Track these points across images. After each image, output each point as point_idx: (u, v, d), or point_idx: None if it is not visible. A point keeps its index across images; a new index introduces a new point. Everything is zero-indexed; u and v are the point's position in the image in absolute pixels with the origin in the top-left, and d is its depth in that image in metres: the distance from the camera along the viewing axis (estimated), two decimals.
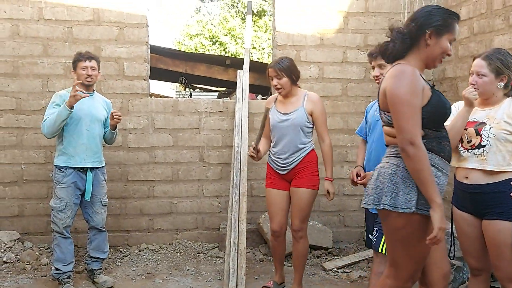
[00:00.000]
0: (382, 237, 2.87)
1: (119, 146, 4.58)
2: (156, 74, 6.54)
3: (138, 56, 4.60)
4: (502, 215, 2.45)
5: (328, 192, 3.40)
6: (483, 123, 2.54)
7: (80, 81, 3.55)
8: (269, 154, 3.52)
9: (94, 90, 3.78)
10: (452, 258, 2.94)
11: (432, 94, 2.10)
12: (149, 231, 4.70)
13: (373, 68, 2.97)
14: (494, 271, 2.58)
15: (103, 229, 3.79)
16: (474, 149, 2.55)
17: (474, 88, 2.56)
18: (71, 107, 3.44)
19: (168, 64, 6.09)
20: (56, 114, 3.46)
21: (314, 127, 3.45)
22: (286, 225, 3.57)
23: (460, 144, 2.62)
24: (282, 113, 3.38)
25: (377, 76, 2.94)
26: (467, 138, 2.58)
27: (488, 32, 3.93)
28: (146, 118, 4.63)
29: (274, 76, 3.32)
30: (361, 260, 4.35)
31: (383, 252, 2.85)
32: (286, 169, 3.40)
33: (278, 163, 3.43)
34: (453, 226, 2.85)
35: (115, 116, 3.65)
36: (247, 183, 4.27)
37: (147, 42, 4.64)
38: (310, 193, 3.39)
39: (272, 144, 3.49)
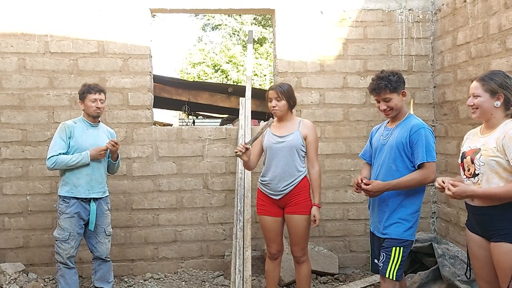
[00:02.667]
0: (389, 262, 2.85)
1: (123, 175, 4.61)
2: (160, 102, 6.64)
3: (142, 86, 4.68)
4: (506, 237, 2.44)
5: (314, 218, 3.35)
6: (479, 150, 2.55)
7: (108, 147, 3.64)
8: (260, 179, 3.52)
9: (99, 121, 3.84)
10: (468, 278, 2.91)
11: None
12: (154, 260, 4.69)
13: (378, 102, 2.98)
14: None
15: (108, 259, 3.78)
16: (471, 177, 2.57)
17: (473, 110, 2.60)
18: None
19: (171, 93, 6.19)
20: (74, 161, 3.55)
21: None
22: (283, 247, 3.58)
23: (463, 173, 2.65)
24: (277, 136, 3.43)
25: (384, 110, 2.96)
26: (467, 166, 2.61)
27: (485, 56, 4.00)
28: (150, 146, 4.68)
29: (274, 98, 3.40)
30: (368, 286, 4.29)
31: (391, 277, 2.84)
32: (280, 194, 3.39)
33: (272, 188, 3.41)
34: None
35: (108, 145, 3.64)
36: (251, 210, 4.28)
37: (150, 72, 4.73)
38: (306, 218, 3.39)
39: (265, 168, 3.49)
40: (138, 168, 4.66)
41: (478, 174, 2.52)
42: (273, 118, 3.56)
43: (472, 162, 2.55)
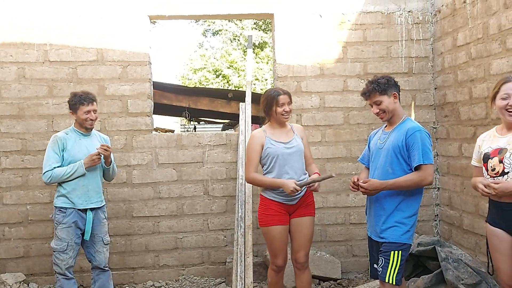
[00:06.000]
0: (388, 267, 2.83)
1: (123, 183, 4.60)
2: (160, 109, 6.63)
3: (141, 93, 4.67)
4: None
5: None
6: (505, 149, 2.60)
7: (99, 152, 3.56)
8: (271, 189, 3.38)
9: (92, 129, 3.75)
10: (491, 274, 2.88)
11: None
12: (155, 267, 4.66)
13: (371, 105, 3.02)
14: None
15: (106, 268, 3.72)
16: (498, 176, 2.60)
17: None
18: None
19: (171, 99, 6.17)
20: (69, 173, 3.51)
21: None
22: (287, 257, 3.52)
23: (486, 172, 2.68)
24: (283, 142, 3.39)
25: (377, 113, 2.98)
26: (491, 166, 2.64)
27: (486, 56, 3.96)
28: (150, 153, 4.66)
29: (287, 103, 3.38)
30: None
31: (390, 281, 2.80)
32: (297, 198, 3.34)
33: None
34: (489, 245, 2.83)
35: (100, 150, 3.56)
36: (252, 215, 4.25)
37: (150, 79, 4.72)
38: (314, 220, 3.45)
39: (276, 176, 3.35)
40: (138, 175, 4.64)
41: (508, 172, 2.56)
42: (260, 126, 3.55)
43: (501, 162, 2.59)
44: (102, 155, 3.62)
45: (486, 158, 2.69)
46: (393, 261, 2.82)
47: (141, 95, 4.67)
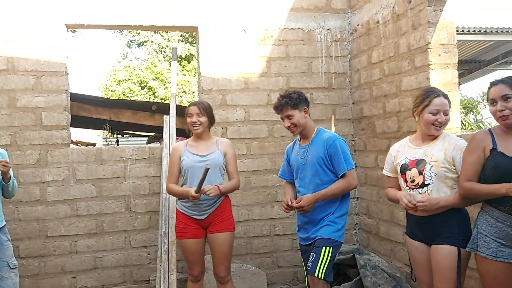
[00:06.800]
0: (318, 261, 2.89)
1: (37, 201, 4.31)
2: (80, 122, 6.32)
3: (57, 105, 4.42)
4: (448, 240, 2.56)
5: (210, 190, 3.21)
6: (423, 161, 2.64)
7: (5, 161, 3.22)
8: (181, 201, 3.41)
9: None
10: (414, 281, 2.99)
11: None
12: None
13: (282, 119, 3.11)
14: None
15: None
16: (418, 188, 2.64)
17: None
18: None
19: (91, 112, 5.91)
20: None
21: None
22: (205, 268, 3.53)
23: (405, 184, 2.72)
24: (199, 155, 3.39)
25: (289, 127, 3.08)
26: (411, 178, 2.67)
27: (397, 73, 4.24)
28: (67, 169, 4.41)
29: (196, 114, 3.37)
30: None
31: (319, 276, 2.86)
32: (205, 213, 3.34)
33: (196, 208, 3.33)
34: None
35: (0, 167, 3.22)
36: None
37: (66, 90, 4.49)
38: (231, 236, 3.41)
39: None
40: (53, 192, 4.36)
41: (428, 184, 2.60)
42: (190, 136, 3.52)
43: (420, 173, 2.62)
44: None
45: (404, 169, 2.71)
46: (323, 256, 2.90)
47: (57, 107, 4.42)
